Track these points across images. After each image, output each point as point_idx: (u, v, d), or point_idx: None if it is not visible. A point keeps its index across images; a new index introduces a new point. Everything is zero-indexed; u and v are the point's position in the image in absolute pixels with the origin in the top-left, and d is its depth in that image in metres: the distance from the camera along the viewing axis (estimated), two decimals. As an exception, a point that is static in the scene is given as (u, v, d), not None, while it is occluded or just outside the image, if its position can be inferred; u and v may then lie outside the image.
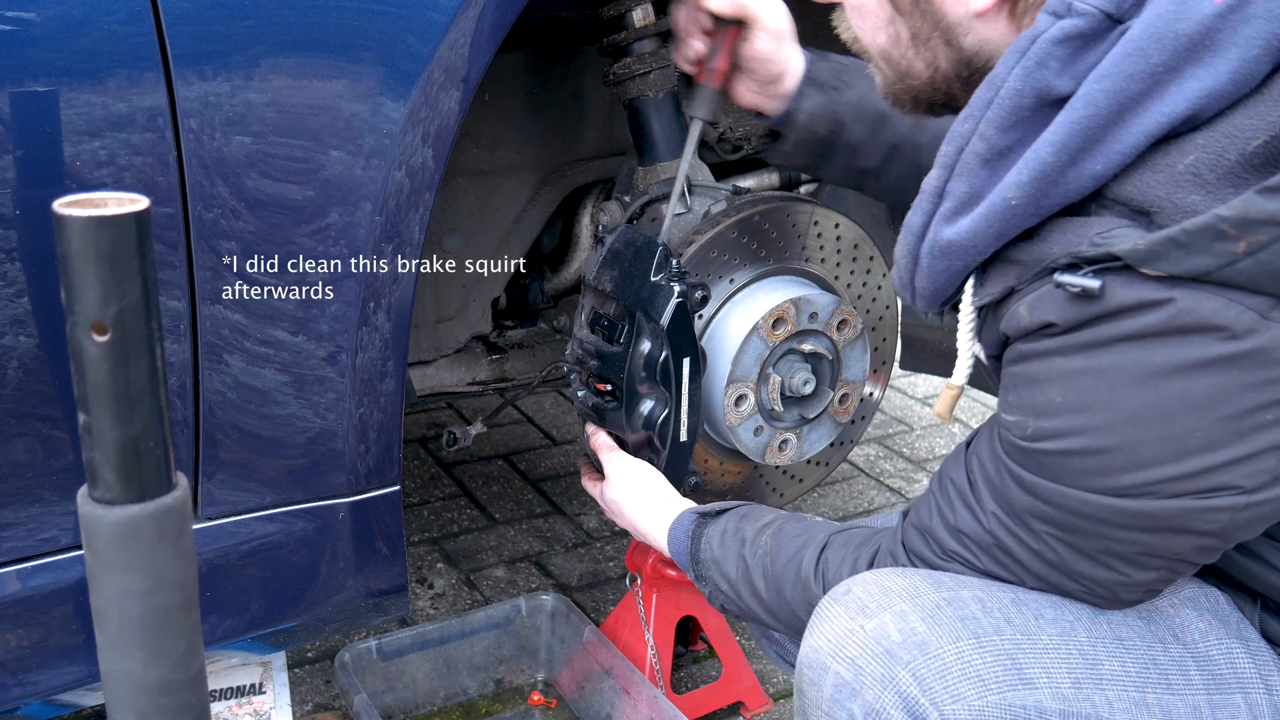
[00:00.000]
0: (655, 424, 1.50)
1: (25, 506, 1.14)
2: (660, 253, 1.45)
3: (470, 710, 1.78)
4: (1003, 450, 1.03)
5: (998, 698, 0.98)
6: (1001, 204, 0.93)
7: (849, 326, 1.60)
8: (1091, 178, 0.91)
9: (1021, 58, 0.91)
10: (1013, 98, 0.92)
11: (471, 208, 1.76)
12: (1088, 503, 0.97)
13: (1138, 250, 0.87)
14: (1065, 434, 0.96)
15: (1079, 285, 0.90)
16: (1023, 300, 0.97)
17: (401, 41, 1.15)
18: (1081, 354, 0.94)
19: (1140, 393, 0.91)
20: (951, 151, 0.97)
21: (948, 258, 1.00)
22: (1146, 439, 0.92)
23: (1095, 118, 0.88)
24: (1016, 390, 1.00)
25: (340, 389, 1.25)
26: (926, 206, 1.01)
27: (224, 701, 1.65)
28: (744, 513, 1.36)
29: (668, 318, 1.44)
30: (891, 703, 0.99)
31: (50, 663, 1.20)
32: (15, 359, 1.08)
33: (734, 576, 1.30)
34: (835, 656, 1.03)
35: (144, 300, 0.67)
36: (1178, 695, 1.04)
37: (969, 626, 1.02)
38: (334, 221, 1.18)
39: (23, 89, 1.00)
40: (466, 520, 2.39)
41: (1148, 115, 0.87)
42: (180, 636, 0.75)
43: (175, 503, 0.73)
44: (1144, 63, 0.86)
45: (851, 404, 1.66)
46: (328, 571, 1.34)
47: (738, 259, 1.54)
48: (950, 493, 1.11)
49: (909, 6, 1.01)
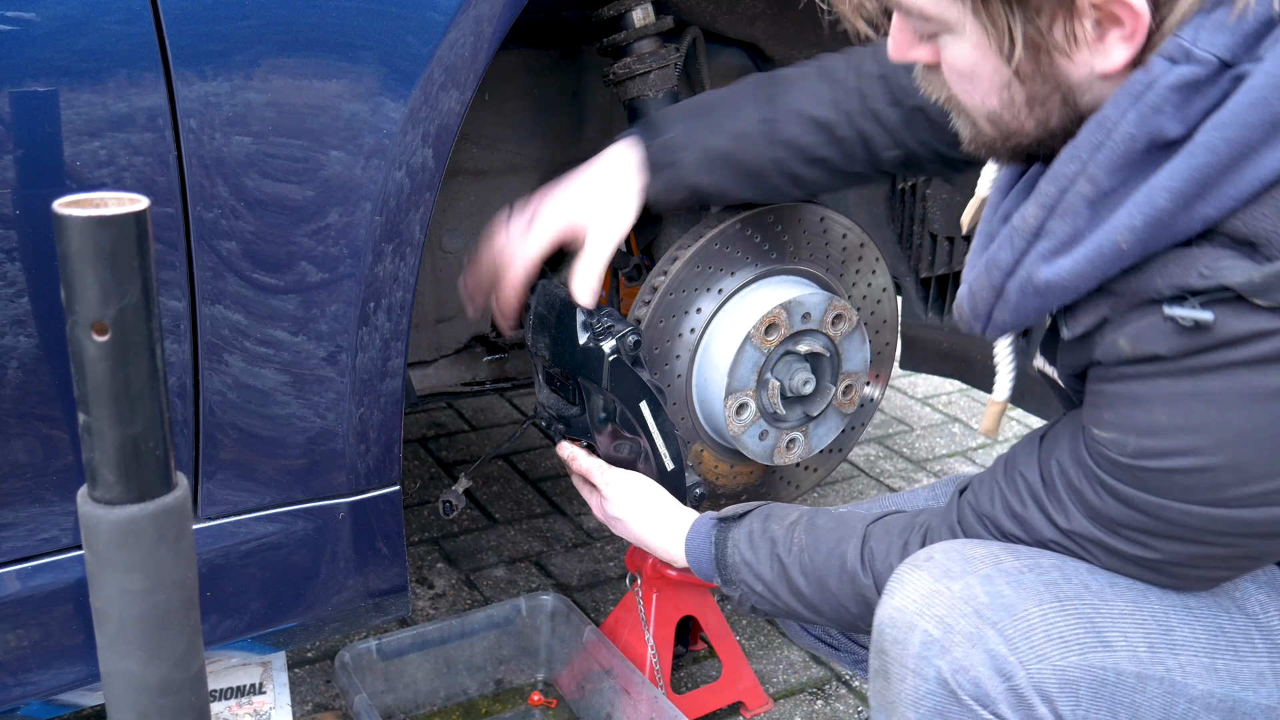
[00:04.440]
0: (637, 464, 1.52)
1: (25, 506, 1.14)
2: (580, 315, 1.43)
3: (470, 710, 1.78)
4: (1094, 463, 1.06)
5: (1079, 658, 1.03)
6: (1110, 246, 0.94)
7: (844, 320, 1.60)
8: (1202, 220, 0.91)
9: (1136, 102, 0.91)
10: (1126, 143, 0.92)
11: (471, 208, 1.76)
12: (1189, 513, 1.01)
13: (1253, 283, 0.89)
14: (1172, 454, 0.99)
15: (1192, 319, 0.92)
16: (1121, 332, 0.99)
17: (401, 41, 1.15)
18: (1190, 378, 0.96)
19: (1250, 414, 0.94)
20: (1054, 192, 0.97)
21: (1043, 296, 1.00)
22: (1255, 456, 0.95)
23: (1214, 165, 0.89)
24: (1114, 409, 1.02)
25: (340, 389, 1.25)
26: (1020, 244, 1.00)
27: (224, 701, 1.65)
28: (767, 513, 1.36)
29: (607, 379, 1.44)
30: (980, 660, 1.02)
31: (50, 663, 1.20)
32: (15, 359, 1.08)
33: (769, 577, 1.31)
34: (923, 615, 1.06)
35: (144, 300, 0.67)
36: (1244, 662, 1.08)
37: (1051, 591, 1.06)
38: (334, 221, 1.18)
39: (23, 89, 1.00)
40: (466, 520, 2.39)
41: (1263, 161, 0.88)
42: (180, 636, 0.75)
43: (175, 503, 0.73)
44: (1266, 112, 0.87)
45: (855, 394, 1.66)
46: (328, 571, 1.34)
47: (724, 269, 1.54)
48: (1020, 487, 1.14)
49: (1030, 71, 0.97)
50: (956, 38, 0.99)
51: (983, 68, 0.99)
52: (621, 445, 1.52)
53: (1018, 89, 0.99)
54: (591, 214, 1.44)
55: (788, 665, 1.95)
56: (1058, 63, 0.96)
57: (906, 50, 1.06)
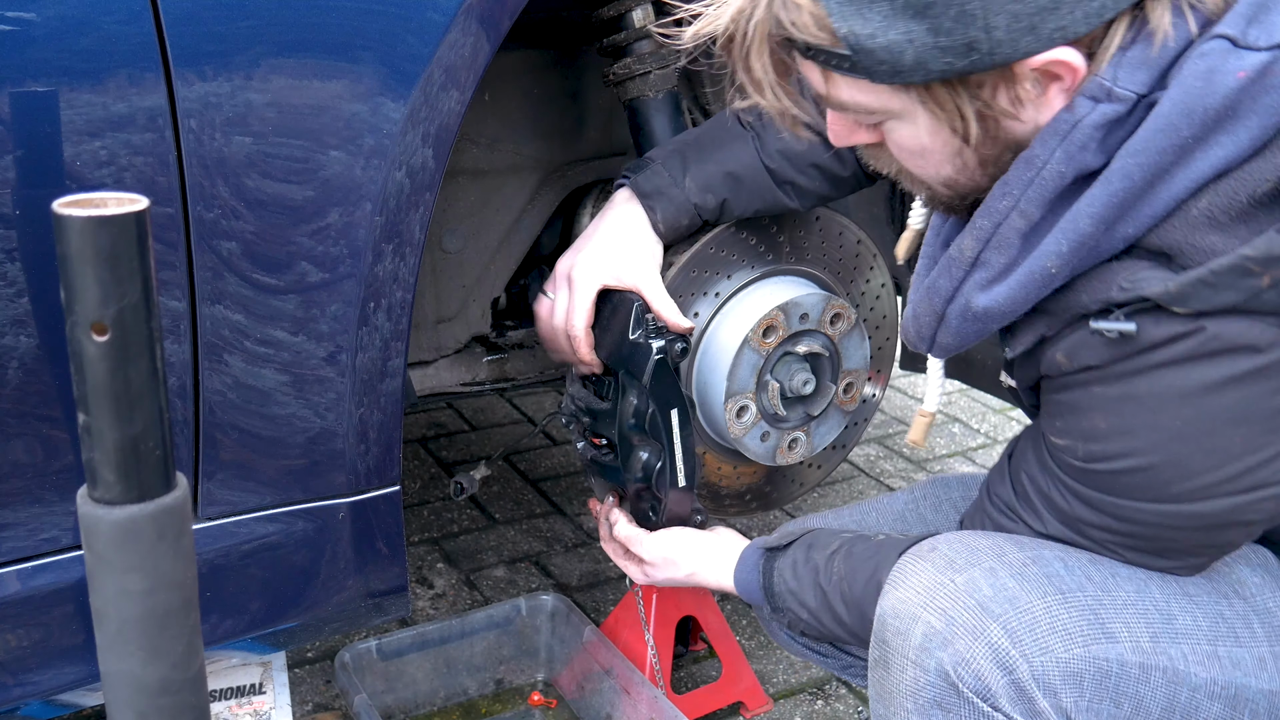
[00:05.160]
0: (653, 473, 1.52)
1: (25, 506, 1.14)
2: (636, 310, 1.45)
3: (470, 710, 1.78)
4: (1058, 468, 1.11)
5: (1083, 650, 1.05)
6: (1040, 272, 0.99)
7: (842, 319, 1.60)
8: (1123, 239, 0.96)
9: (1063, 141, 0.95)
10: (1055, 179, 0.96)
11: (471, 208, 1.76)
12: (1142, 510, 1.05)
13: (1169, 293, 0.94)
14: (1115, 456, 1.04)
15: (1116, 330, 0.97)
16: (1058, 348, 1.04)
17: (401, 41, 1.15)
18: (1120, 383, 1.01)
19: (1179, 412, 0.98)
20: (989, 226, 1.01)
21: (982, 321, 1.05)
22: (1191, 451, 1.00)
23: (1130, 190, 0.93)
24: (1063, 417, 1.08)
25: (340, 389, 1.25)
26: (958, 273, 1.05)
27: (224, 701, 1.65)
28: (810, 542, 1.37)
29: (649, 376, 1.45)
30: (982, 653, 1.04)
31: (50, 663, 1.20)
32: (15, 359, 1.08)
33: (814, 605, 1.33)
34: (926, 607, 1.08)
35: (144, 300, 0.67)
36: (1244, 647, 1.10)
37: (1054, 583, 1.08)
38: (334, 221, 1.18)
39: (23, 89, 1.00)
40: (466, 520, 2.39)
41: (1175, 182, 0.93)
42: (180, 636, 0.75)
43: (175, 503, 0.73)
44: (1175, 137, 0.91)
45: (856, 392, 1.66)
46: (328, 571, 1.34)
47: (720, 272, 1.54)
48: (1000, 506, 1.20)
49: (980, 138, 0.99)
50: (903, 122, 1.01)
51: (934, 144, 1.02)
52: (644, 445, 1.51)
53: (970, 155, 1.02)
54: (625, 269, 1.46)
55: (788, 665, 1.95)
56: (1004, 125, 0.99)
57: (848, 137, 1.08)
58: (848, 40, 0.92)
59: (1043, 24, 0.90)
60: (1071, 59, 0.92)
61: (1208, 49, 0.90)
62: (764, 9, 0.96)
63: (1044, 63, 0.92)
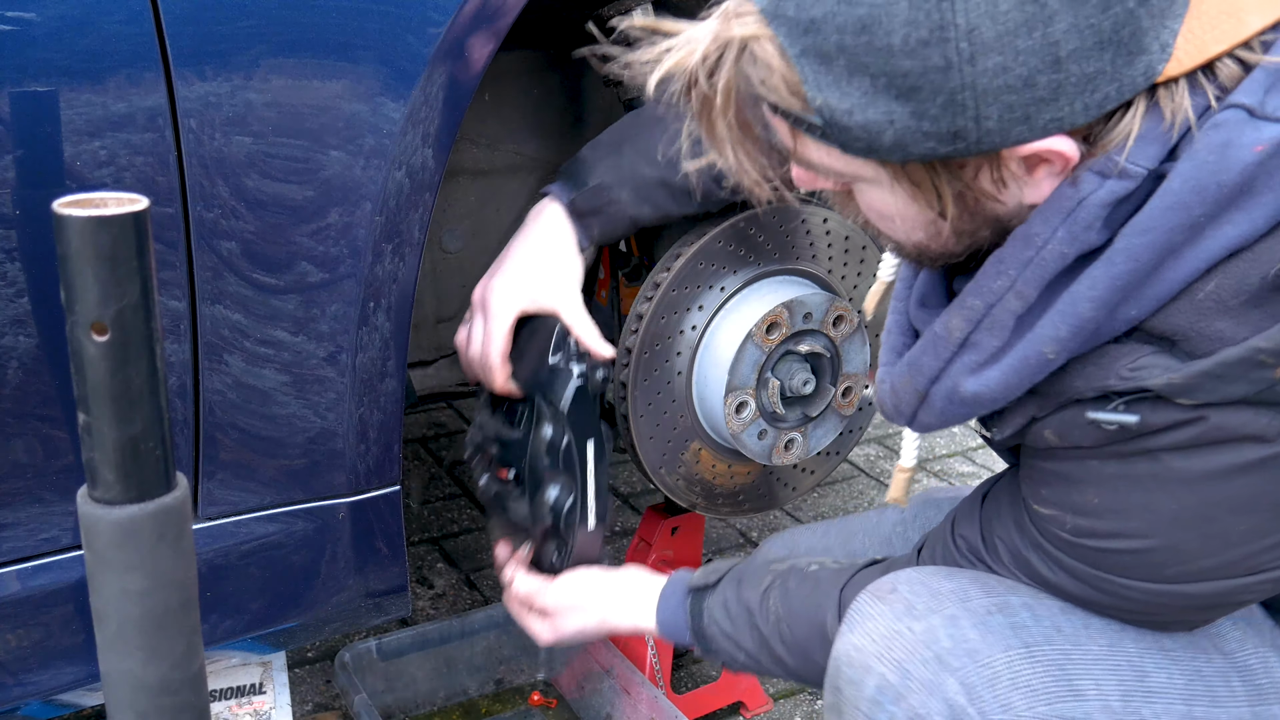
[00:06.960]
0: (561, 512, 1.42)
1: (25, 506, 1.14)
2: (558, 332, 1.38)
3: (470, 710, 1.78)
4: (1041, 536, 1.04)
5: (1047, 709, 0.98)
6: (1036, 357, 0.91)
7: (845, 322, 1.60)
8: (1125, 322, 0.89)
9: (1067, 219, 0.87)
10: (1057, 260, 0.88)
11: (471, 208, 1.76)
12: (1132, 587, 0.99)
13: (1173, 385, 0.87)
14: (1108, 535, 0.98)
15: (1115, 422, 0.90)
16: (1047, 425, 0.96)
17: (401, 41, 1.15)
18: (1118, 461, 0.94)
19: (1179, 497, 0.92)
20: (981, 306, 0.93)
21: (970, 406, 0.97)
22: (1190, 537, 0.94)
23: (1136, 271, 0.85)
24: (1050, 486, 1.01)
25: (340, 389, 1.25)
26: (945, 353, 0.96)
27: (224, 701, 1.65)
28: (739, 577, 1.31)
29: (567, 402, 1.38)
30: (937, 710, 0.98)
31: (50, 663, 1.20)
32: (15, 359, 1.08)
33: (751, 648, 1.27)
34: (881, 658, 1.02)
35: (144, 300, 0.67)
36: (1222, 707, 1.04)
37: (1020, 635, 1.01)
38: (334, 221, 1.18)
39: (23, 89, 1.00)
40: (466, 520, 2.39)
41: (1184, 262, 0.85)
42: (180, 636, 0.75)
43: (175, 503, 0.73)
44: (1185, 215, 0.83)
45: (855, 396, 1.66)
46: (328, 571, 1.34)
47: (726, 266, 1.54)
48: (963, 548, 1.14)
49: (957, 215, 0.91)
50: (875, 186, 0.92)
51: (906, 213, 0.93)
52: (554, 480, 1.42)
53: (945, 226, 0.94)
54: (544, 292, 1.39)
55: (788, 665, 1.95)
56: (984, 204, 0.91)
57: (812, 183, 0.99)
58: (821, 112, 0.84)
59: (1038, 115, 0.82)
60: (1064, 148, 0.84)
61: (1222, 119, 0.82)
62: (731, 65, 0.87)
63: (1034, 150, 0.84)
